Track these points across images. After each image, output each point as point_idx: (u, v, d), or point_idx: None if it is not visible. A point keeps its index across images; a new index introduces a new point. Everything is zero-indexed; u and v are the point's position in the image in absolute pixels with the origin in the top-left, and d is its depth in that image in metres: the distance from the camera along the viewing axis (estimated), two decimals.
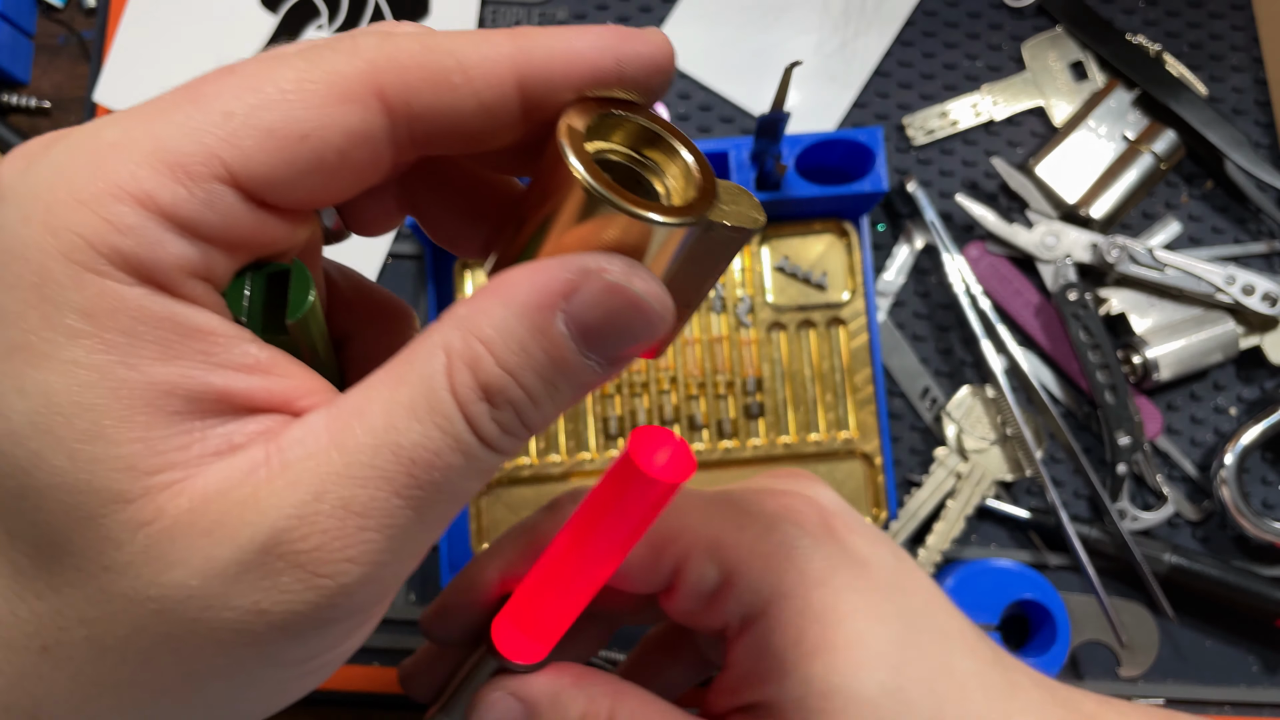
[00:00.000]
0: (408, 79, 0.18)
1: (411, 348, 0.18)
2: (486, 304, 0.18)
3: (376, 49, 0.18)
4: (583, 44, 0.20)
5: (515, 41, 0.19)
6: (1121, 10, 0.51)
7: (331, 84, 0.17)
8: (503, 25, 0.51)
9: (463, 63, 0.18)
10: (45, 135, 0.18)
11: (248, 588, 0.17)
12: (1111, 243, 0.47)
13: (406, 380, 0.18)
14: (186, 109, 0.17)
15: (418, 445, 0.17)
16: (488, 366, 0.18)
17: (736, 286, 0.47)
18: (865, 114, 0.51)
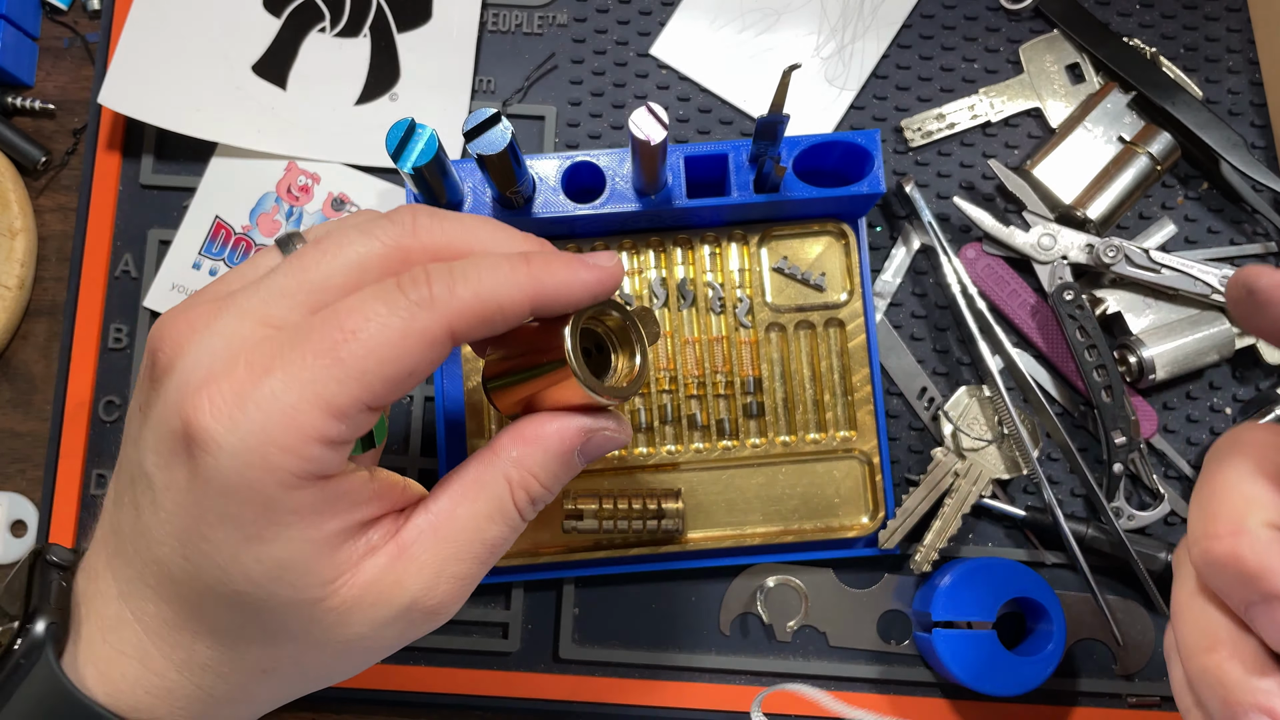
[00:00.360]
0: (469, 323, 0.28)
1: (479, 473, 0.31)
2: (532, 450, 0.31)
3: (447, 304, 0.28)
4: (582, 279, 0.31)
5: (534, 278, 0.29)
6: (1118, 13, 0.52)
7: (423, 337, 0.28)
8: (503, 28, 0.51)
9: (503, 308, 0.29)
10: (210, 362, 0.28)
11: (397, 630, 0.30)
12: (1108, 244, 0.47)
13: (482, 498, 0.31)
14: (335, 370, 0.27)
15: (496, 538, 0.31)
16: (536, 489, 0.31)
17: (735, 288, 0.47)
18: (863, 116, 0.51)
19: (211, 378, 0.27)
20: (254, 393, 0.26)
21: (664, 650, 0.48)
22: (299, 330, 0.27)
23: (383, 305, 0.27)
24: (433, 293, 0.28)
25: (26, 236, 0.50)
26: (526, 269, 0.29)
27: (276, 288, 0.29)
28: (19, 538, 0.50)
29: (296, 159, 0.50)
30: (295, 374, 0.26)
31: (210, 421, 0.26)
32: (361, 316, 0.27)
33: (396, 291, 0.28)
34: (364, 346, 0.27)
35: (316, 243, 0.30)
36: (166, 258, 0.50)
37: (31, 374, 0.51)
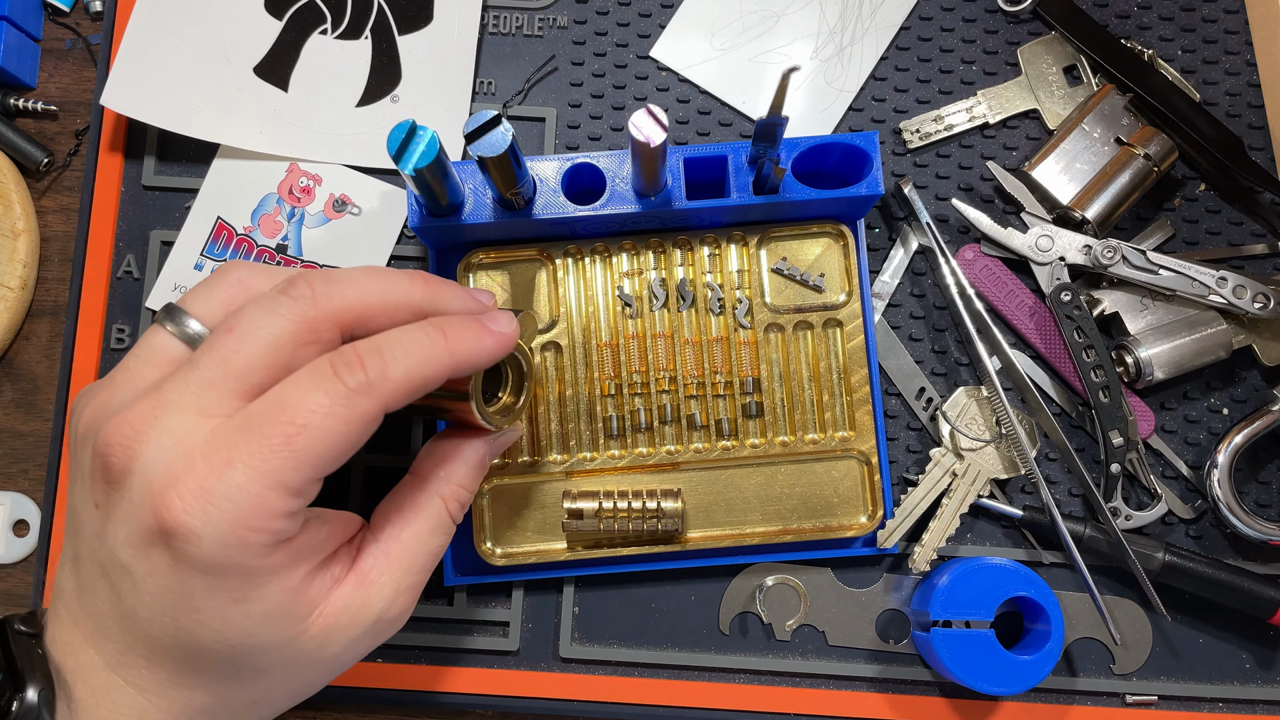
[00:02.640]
0: (400, 399, 0.33)
1: (414, 498, 0.37)
2: (456, 466, 0.38)
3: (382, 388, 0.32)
4: (487, 346, 0.35)
5: (451, 353, 0.34)
6: (1115, 14, 0.52)
7: (363, 419, 0.32)
8: (504, 30, 0.52)
9: (426, 381, 0.33)
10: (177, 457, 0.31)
11: (366, 642, 0.35)
12: (1105, 245, 0.47)
13: (421, 518, 0.37)
14: (290, 459, 0.30)
15: (438, 548, 0.37)
16: (464, 496, 0.38)
17: (734, 289, 0.47)
18: (862, 118, 0.51)
19: (174, 477, 0.30)
20: (220, 486, 0.30)
21: (663, 649, 0.48)
22: (248, 422, 0.31)
23: (325, 396, 0.31)
24: (369, 377, 0.32)
25: (29, 237, 0.51)
26: (445, 344, 0.34)
27: (203, 380, 0.32)
28: (21, 537, 0.50)
29: (298, 160, 0.50)
30: (256, 466, 0.30)
31: (184, 517, 0.30)
32: (307, 409, 0.31)
33: (334, 379, 0.31)
34: (313, 436, 0.30)
35: (228, 330, 0.32)
36: (169, 259, 0.50)
37: (34, 374, 0.51)
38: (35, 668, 0.33)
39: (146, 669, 0.32)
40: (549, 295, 0.47)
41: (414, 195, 0.43)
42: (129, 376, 0.34)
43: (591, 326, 0.47)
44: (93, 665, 0.33)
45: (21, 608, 0.50)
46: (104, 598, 0.32)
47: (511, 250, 0.47)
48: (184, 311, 0.35)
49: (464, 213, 0.44)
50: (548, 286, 0.47)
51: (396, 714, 0.49)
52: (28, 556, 0.50)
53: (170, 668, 0.32)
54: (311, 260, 0.50)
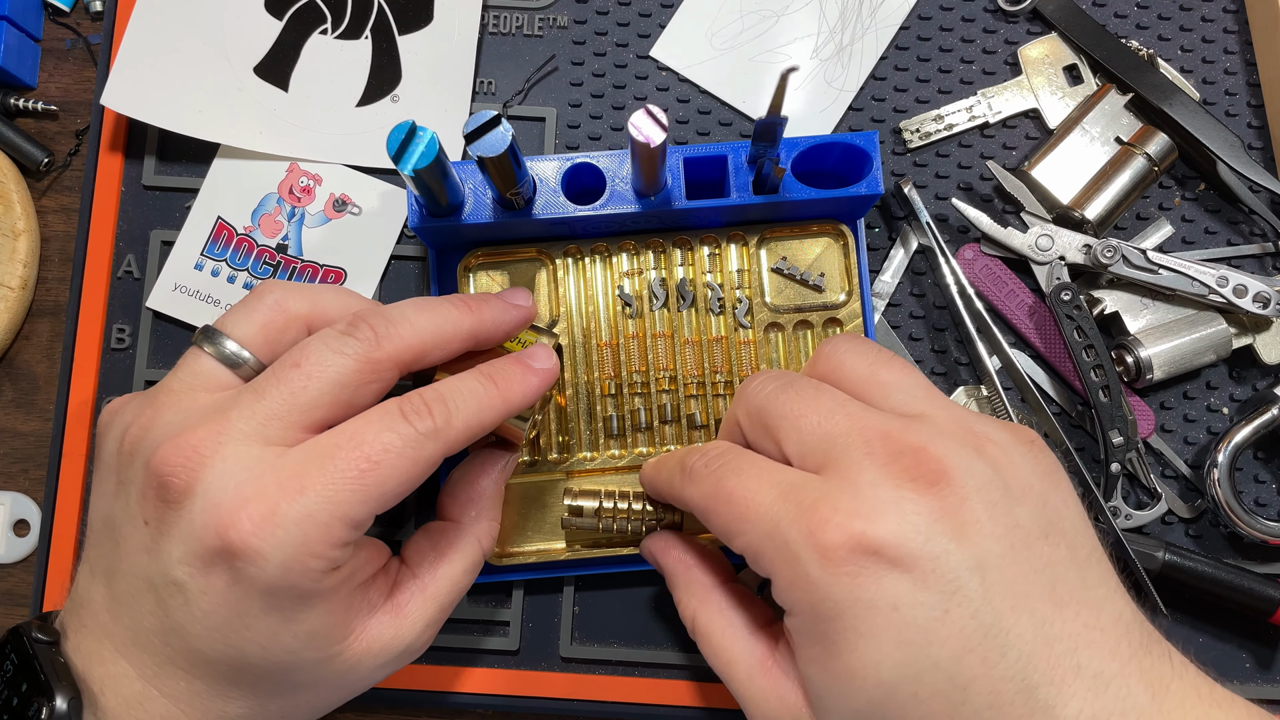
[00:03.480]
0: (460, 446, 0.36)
1: (452, 540, 0.39)
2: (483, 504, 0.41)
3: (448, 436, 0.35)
4: (534, 387, 0.38)
5: (505, 400, 0.37)
6: (1115, 14, 0.52)
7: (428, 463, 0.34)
8: (504, 30, 0.52)
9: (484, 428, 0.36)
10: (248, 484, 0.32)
11: (390, 669, 0.37)
12: (1105, 244, 0.47)
13: (459, 559, 0.39)
14: (361, 494, 0.32)
15: (470, 583, 0.40)
16: (495, 529, 0.41)
17: (735, 288, 0.47)
18: (861, 118, 0.51)
19: (244, 499, 0.31)
20: (291, 511, 0.31)
21: (663, 649, 0.48)
22: (321, 453, 0.32)
23: (397, 437, 0.33)
24: (436, 424, 0.34)
25: (29, 237, 0.51)
26: (498, 392, 0.37)
27: (269, 411, 0.33)
28: (22, 537, 0.50)
29: (298, 160, 0.50)
30: (328, 495, 0.32)
31: (253, 540, 0.31)
32: (380, 447, 0.33)
33: (405, 423, 0.33)
34: (384, 474, 0.32)
35: (295, 365, 0.34)
36: (169, 258, 0.50)
37: (34, 374, 0.51)
38: (61, 676, 0.33)
39: (185, 681, 0.33)
40: (549, 295, 0.47)
41: (414, 195, 0.43)
42: (176, 399, 0.35)
43: (591, 326, 0.47)
44: (124, 675, 0.33)
45: (22, 608, 0.50)
46: (147, 611, 0.33)
47: (511, 250, 0.47)
48: (222, 334, 0.36)
49: (464, 213, 0.44)
50: (548, 286, 0.47)
51: (396, 714, 0.49)
52: (28, 556, 0.50)
53: (210, 680, 0.33)
54: (311, 260, 0.50)
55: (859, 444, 0.32)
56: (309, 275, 0.50)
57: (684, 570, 0.40)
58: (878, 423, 0.33)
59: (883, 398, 0.35)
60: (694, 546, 0.41)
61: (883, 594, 0.30)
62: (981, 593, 0.30)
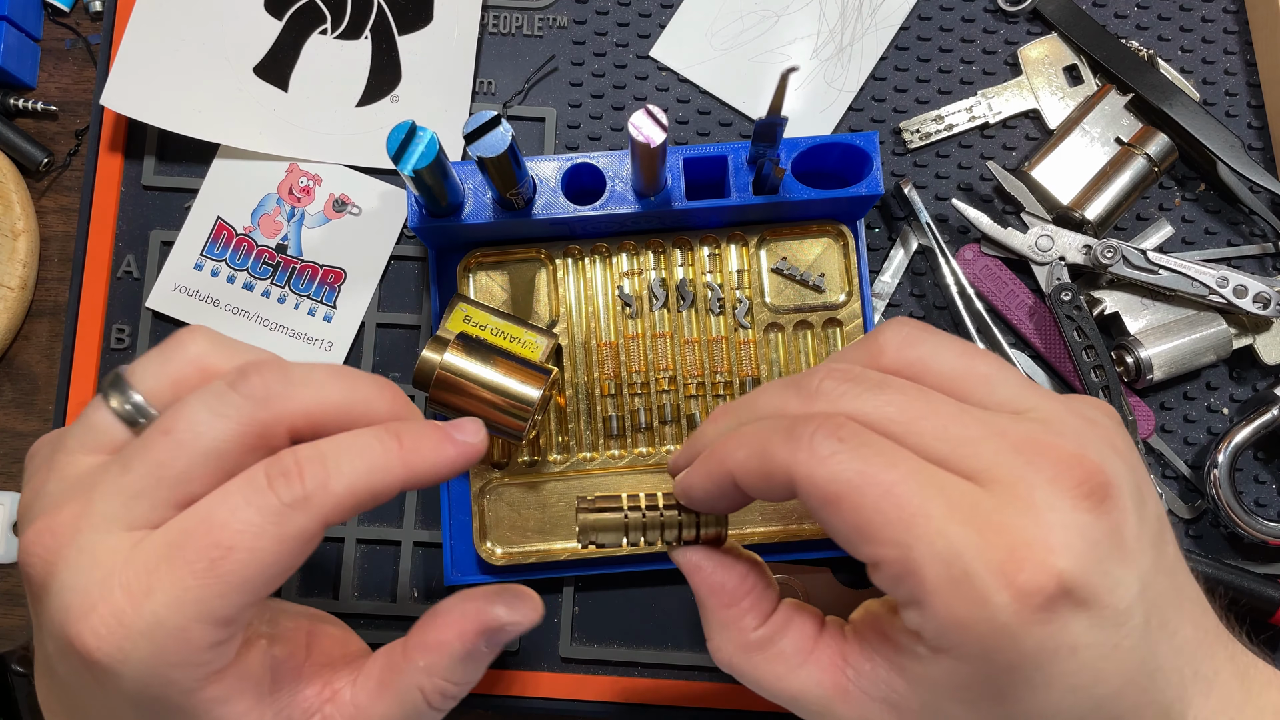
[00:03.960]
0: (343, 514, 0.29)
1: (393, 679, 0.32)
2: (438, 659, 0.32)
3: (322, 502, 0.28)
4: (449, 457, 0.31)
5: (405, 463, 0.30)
6: (1115, 14, 0.52)
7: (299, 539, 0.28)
8: (504, 30, 0.52)
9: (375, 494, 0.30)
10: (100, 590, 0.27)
11: None
12: (1105, 245, 0.47)
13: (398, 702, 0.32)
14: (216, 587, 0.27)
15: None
16: (450, 690, 0.32)
17: (735, 289, 0.47)
18: (861, 118, 0.51)
19: (89, 606, 0.27)
20: (137, 620, 0.27)
21: (663, 649, 0.48)
22: (170, 543, 0.27)
23: (255, 512, 0.27)
24: (306, 490, 0.28)
25: (29, 237, 0.51)
26: (399, 453, 0.30)
27: (133, 489, 0.28)
28: None
29: (298, 160, 0.50)
30: (176, 596, 0.27)
31: (100, 654, 0.27)
32: (234, 529, 0.27)
33: (268, 492, 0.28)
34: (241, 559, 0.27)
35: (165, 432, 0.28)
36: (168, 259, 0.50)
37: (34, 374, 0.51)
38: (35, 714, 0.32)
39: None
40: (549, 295, 0.47)
41: (414, 195, 0.43)
42: (64, 460, 0.31)
43: (591, 326, 0.47)
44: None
45: (22, 608, 0.50)
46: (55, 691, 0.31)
47: (511, 250, 0.47)
48: (130, 385, 0.31)
49: (464, 213, 0.44)
50: (547, 286, 0.47)
51: None
52: None
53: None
54: (311, 260, 0.50)
55: (1011, 451, 0.27)
56: (309, 275, 0.50)
57: (719, 608, 0.33)
58: (1013, 427, 0.28)
59: (987, 394, 0.30)
60: (729, 569, 0.33)
61: (1066, 639, 0.26)
62: (1142, 620, 0.27)
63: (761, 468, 0.29)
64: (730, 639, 0.33)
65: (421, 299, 0.50)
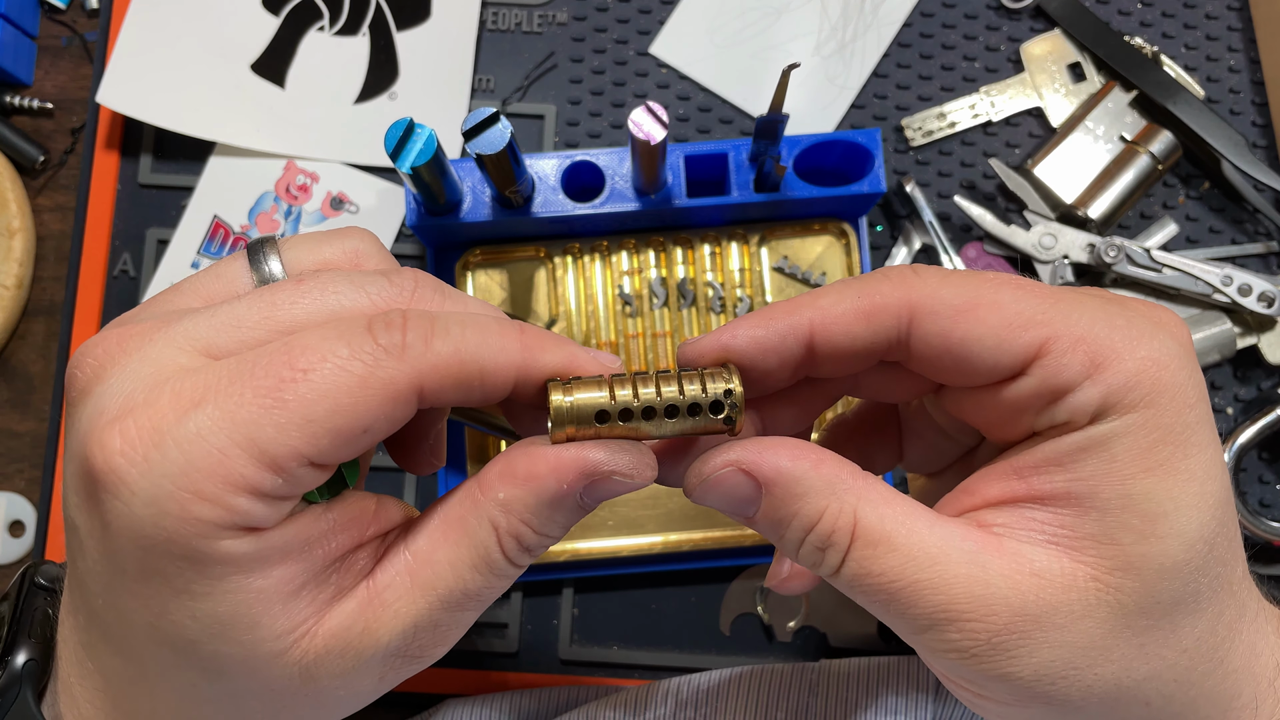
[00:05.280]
0: (443, 383, 0.24)
1: (463, 512, 0.26)
2: (523, 493, 0.25)
3: (421, 356, 0.24)
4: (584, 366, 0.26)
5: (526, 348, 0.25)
6: (1118, 11, 0.52)
7: (386, 389, 0.23)
8: (503, 26, 0.51)
9: (484, 372, 0.25)
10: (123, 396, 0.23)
11: (374, 679, 0.27)
12: (1109, 243, 0.47)
13: (465, 544, 0.25)
14: (276, 414, 0.22)
15: (481, 589, 0.26)
16: (529, 537, 0.26)
17: (736, 287, 0.47)
18: (864, 115, 0.51)
19: (129, 409, 0.23)
20: (176, 429, 0.22)
21: (664, 651, 0.47)
22: (241, 362, 0.23)
23: (344, 345, 0.23)
24: (406, 340, 0.24)
25: (25, 236, 0.50)
26: (519, 337, 0.25)
27: (232, 316, 0.25)
28: (17, 538, 0.50)
29: (295, 158, 0.50)
30: (227, 411, 0.22)
31: (120, 461, 0.22)
32: (318, 355, 0.23)
33: (364, 333, 0.23)
34: (314, 389, 0.23)
35: (298, 281, 0.25)
36: (165, 257, 0.50)
37: (30, 373, 0.51)
38: (34, 631, 0.28)
39: (108, 656, 0.26)
40: (548, 294, 0.47)
41: (412, 193, 0.42)
42: (170, 293, 0.27)
43: (591, 325, 0.47)
44: (67, 639, 0.27)
45: None
46: (72, 555, 0.26)
47: (510, 248, 0.47)
48: (277, 252, 0.27)
49: (462, 211, 0.43)
50: (547, 285, 0.47)
51: (395, 714, 0.48)
52: (23, 557, 0.50)
53: (126, 659, 0.26)
54: None
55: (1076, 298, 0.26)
56: None
57: (814, 468, 0.25)
58: None
59: None
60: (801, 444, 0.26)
61: None
62: None
63: (864, 305, 0.26)
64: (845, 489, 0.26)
65: None
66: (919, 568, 0.25)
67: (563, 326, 0.47)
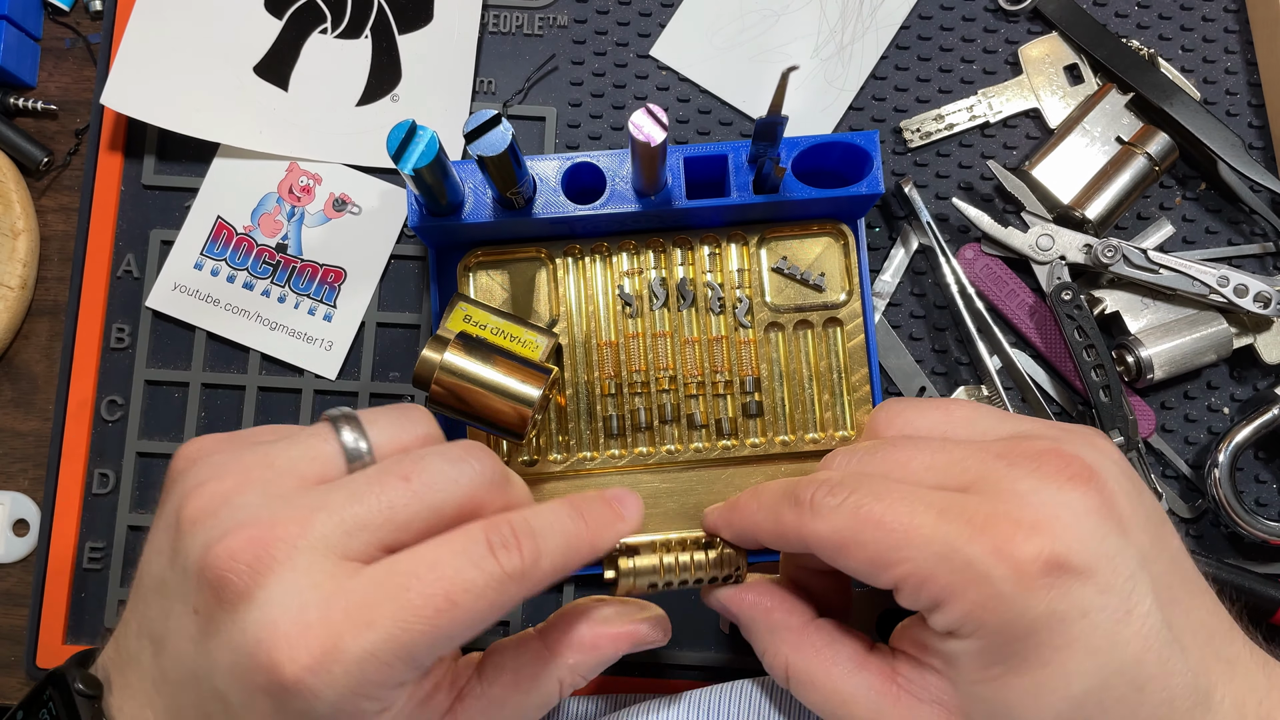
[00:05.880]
0: (544, 586, 0.31)
1: (535, 670, 0.34)
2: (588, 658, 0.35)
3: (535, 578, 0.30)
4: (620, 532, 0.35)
5: (592, 546, 0.33)
6: (1115, 13, 0.52)
7: (510, 604, 0.30)
8: (504, 29, 0.52)
9: (569, 571, 0.32)
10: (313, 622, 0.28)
11: None
12: (1106, 244, 0.47)
13: (534, 692, 0.34)
14: (431, 635, 0.28)
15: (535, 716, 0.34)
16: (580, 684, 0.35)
17: (735, 288, 0.47)
18: (862, 117, 0.51)
19: (305, 626, 0.27)
20: (353, 648, 0.27)
21: (664, 649, 0.48)
22: (393, 581, 0.28)
23: (480, 575, 0.29)
24: (524, 566, 0.30)
25: (29, 237, 0.51)
26: (588, 534, 0.33)
27: (358, 520, 0.29)
28: (21, 537, 0.50)
29: (298, 159, 0.50)
30: (394, 635, 0.27)
31: (308, 675, 0.27)
32: (462, 586, 0.28)
33: (490, 559, 0.29)
34: (460, 615, 0.28)
35: (405, 478, 0.30)
36: (168, 258, 0.50)
37: (34, 374, 0.51)
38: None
39: None
40: (549, 295, 0.47)
41: (414, 195, 0.43)
42: (272, 476, 0.30)
43: (591, 326, 0.47)
44: None
45: (22, 608, 0.50)
46: (189, 703, 0.30)
47: (511, 249, 0.47)
48: (363, 432, 0.32)
49: (464, 212, 0.44)
50: (548, 286, 0.47)
51: None
52: (27, 556, 0.50)
53: None
54: (311, 259, 0.50)
55: (993, 458, 0.31)
56: (309, 274, 0.50)
57: (764, 615, 0.36)
58: (994, 442, 0.32)
59: (970, 429, 0.34)
60: (766, 589, 0.37)
61: (1074, 603, 0.28)
62: (1150, 590, 0.29)
63: (777, 531, 0.33)
64: (782, 640, 0.35)
65: (421, 298, 0.50)
66: (834, 706, 0.33)
67: (563, 327, 0.47)
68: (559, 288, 0.47)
